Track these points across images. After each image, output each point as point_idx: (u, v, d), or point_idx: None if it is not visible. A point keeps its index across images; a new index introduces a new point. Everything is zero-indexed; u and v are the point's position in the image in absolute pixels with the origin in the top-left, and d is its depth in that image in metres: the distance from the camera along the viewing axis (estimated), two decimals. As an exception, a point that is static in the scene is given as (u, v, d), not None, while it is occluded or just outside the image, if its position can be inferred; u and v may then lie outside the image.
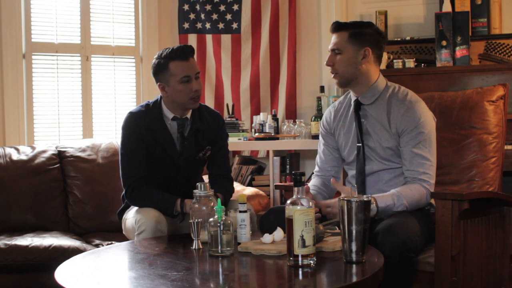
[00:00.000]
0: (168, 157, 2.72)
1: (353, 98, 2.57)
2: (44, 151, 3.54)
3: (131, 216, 2.69)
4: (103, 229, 3.38)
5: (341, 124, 2.62)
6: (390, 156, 2.46)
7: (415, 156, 2.39)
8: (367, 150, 2.49)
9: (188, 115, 2.76)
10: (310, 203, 1.88)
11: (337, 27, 2.50)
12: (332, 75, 2.53)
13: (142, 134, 2.70)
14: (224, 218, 2.09)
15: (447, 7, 4.00)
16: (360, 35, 2.47)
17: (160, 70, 2.67)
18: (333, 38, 2.51)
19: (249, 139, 4.15)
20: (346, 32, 2.47)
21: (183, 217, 2.66)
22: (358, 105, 2.53)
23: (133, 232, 2.60)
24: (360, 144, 2.50)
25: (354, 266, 1.89)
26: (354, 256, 1.90)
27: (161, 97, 2.76)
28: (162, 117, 2.73)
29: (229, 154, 2.95)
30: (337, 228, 2.18)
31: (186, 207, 2.59)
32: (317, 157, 2.74)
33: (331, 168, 2.67)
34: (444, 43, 3.96)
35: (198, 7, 4.51)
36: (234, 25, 4.54)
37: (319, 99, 4.29)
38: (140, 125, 2.70)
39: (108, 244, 3.03)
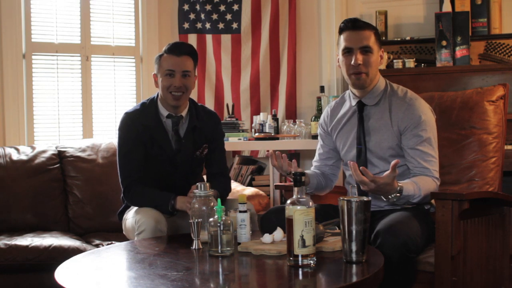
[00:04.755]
0: (165, 154, 2.73)
1: (355, 100, 2.55)
2: (44, 151, 3.54)
3: (131, 216, 2.69)
4: (103, 229, 3.38)
5: (339, 124, 2.62)
6: (392, 156, 2.46)
7: (422, 154, 2.40)
8: (369, 152, 2.49)
9: (184, 113, 2.77)
10: (310, 203, 1.88)
11: (362, 25, 2.44)
12: (356, 76, 2.43)
13: (139, 133, 2.71)
14: (224, 218, 2.09)
15: (447, 7, 4.00)
16: (379, 35, 2.49)
17: (156, 61, 2.74)
18: (357, 34, 2.41)
19: (249, 139, 4.15)
20: (372, 31, 2.44)
21: (174, 213, 2.66)
22: (361, 106, 2.53)
23: (133, 232, 2.60)
24: (361, 146, 2.50)
25: (354, 266, 1.89)
26: (354, 256, 1.90)
27: (157, 94, 2.78)
28: (158, 114, 2.75)
29: (229, 154, 2.95)
30: (337, 228, 2.18)
31: (178, 203, 2.60)
32: (315, 157, 2.74)
33: (328, 168, 2.68)
34: (444, 43, 3.96)
35: (198, 7, 4.51)
36: (234, 25, 4.54)
37: (319, 99, 4.29)
38: (137, 124, 2.72)
39: (108, 244, 3.02)
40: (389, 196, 2.25)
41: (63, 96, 4.09)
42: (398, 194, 2.25)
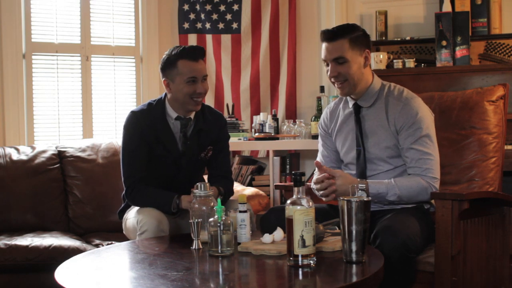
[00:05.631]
0: (170, 156, 2.72)
1: (351, 102, 2.56)
2: (44, 151, 3.54)
3: (132, 216, 2.69)
4: (103, 229, 3.38)
5: (338, 126, 2.62)
6: (391, 156, 2.46)
7: (416, 153, 2.39)
8: (368, 153, 2.49)
9: (192, 116, 2.76)
10: (310, 203, 1.88)
11: (333, 35, 2.43)
12: (338, 84, 2.47)
13: (144, 133, 2.70)
14: (224, 218, 2.09)
15: (447, 7, 4.00)
16: (357, 39, 2.44)
17: (168, 66, 2.66)
18: (329, 46, 2.43)
19: (249, 139, 4.15)
20: (345, 39, 2.42)
21: (178, 212, 2.65)
22: (357, 108, 2.53)
23: (133, 232, 2.60)
24: (360, 148, 2.50)
25: (354, 266, 1.89)
26: (354, 256, 1.90)
27: (165, 95, 2.76)
28: (165, 116, 2.73)
29: (230, 155, 2.95)
30: (337, 228, 2.18)
31: (182, 202, 2.59)
32: (317, 159, 2.74)
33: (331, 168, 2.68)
34: (444, 43, 3.96)
35: (198, 7, 4.51)
36: (234, 25, 4.54)
37: (319, 99, 4.29)
38: (142, 124, 2.70)
39: (108, 244, 3.02)
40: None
41: (63, 96, 4.10)
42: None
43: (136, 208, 2.70)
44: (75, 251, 2.85)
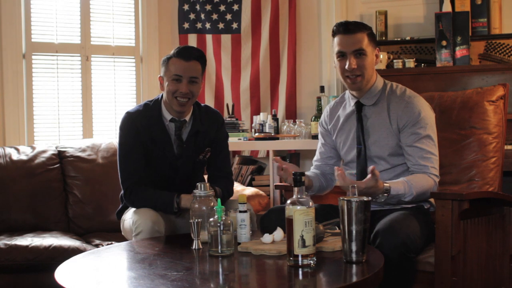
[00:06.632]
0: (166, 157, 2.70)
1: (353, 100, 2.56)
2: (44, 151, 3.54)
3: (129, 217, 2.67)
4: (103, 229, 3.38)
5: (339, 125, 2.62)
6: (391, 155, 2.46)
7: (420, 151, 2.40)
8: (368, 151, 2.49)
9: (187, 118, 2.73)
10: (310, 203, 1.88)
11: (354, 27, 2.42)
12: (352, 78, 2.44)
13: (140, 134, 2.67)
14: (224, 218, 2.09)
15: (447, 7, 4.00)
16: (373, 35, 2.47)
17: (164, 64, 2.67)
18: (350, 38, 2.41)
19: (249, 139, 4.15)
20: (364, 33, 2.43)
21: (180, 212, 2.63)
22: (359, 106, 2.53)
23: (131, 233, 2.58)
24: (361, 146, 2.50)
25: (354, 266, 1.89)
26: (354, 256, 1.90)
27: (161, 96, 2.75)
28: (161, 117, 2.71)
29: (230, 155, 2.93)
30: (337, 228, 2.18)
31: (182, 201, 2.57)
32: (315, 156, 2.74)
33: (329, 167, 2.68)
34: (444, 43, 3.96)
35: (198, 7, 4.51)
36: (234, 25, 4.54)
37: (319, 99, 4.29)
38: (138, 125, 2.67)
39: (108, 244, 3.02)
40: (376, 197, 2.25)
41: (63, 96, 4.10)
42: (385, 194, 2.24)
43: (133, 208, 2.68)
44: (75, 251, 2.85)
